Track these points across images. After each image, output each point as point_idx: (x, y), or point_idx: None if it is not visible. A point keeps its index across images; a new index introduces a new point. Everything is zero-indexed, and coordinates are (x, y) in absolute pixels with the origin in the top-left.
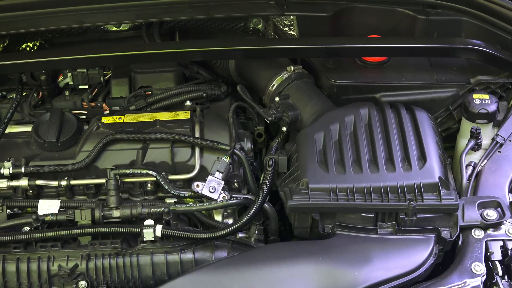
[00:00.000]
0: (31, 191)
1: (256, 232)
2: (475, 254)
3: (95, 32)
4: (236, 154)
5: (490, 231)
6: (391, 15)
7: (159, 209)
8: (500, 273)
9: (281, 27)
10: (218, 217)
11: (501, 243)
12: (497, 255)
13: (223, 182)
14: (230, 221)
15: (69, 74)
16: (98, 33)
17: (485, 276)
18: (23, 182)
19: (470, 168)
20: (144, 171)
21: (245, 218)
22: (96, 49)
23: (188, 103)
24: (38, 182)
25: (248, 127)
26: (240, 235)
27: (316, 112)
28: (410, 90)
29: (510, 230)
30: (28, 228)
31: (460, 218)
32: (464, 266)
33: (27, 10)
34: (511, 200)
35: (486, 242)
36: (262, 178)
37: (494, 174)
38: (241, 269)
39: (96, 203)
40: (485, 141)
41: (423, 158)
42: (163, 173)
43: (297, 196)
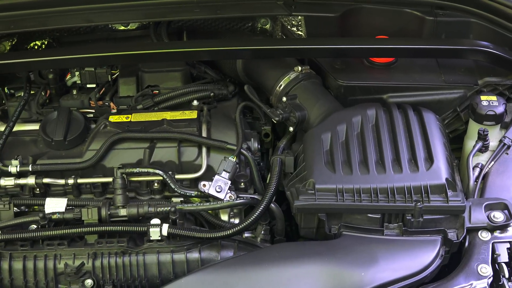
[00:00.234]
0: (38, 189)
1: (262, 232)
2: (482, 256)
3: (103, 31)
4: (243, 154)
5: (497, 233)
6: (399, 16)
7: (166, 208)
8: (507, 275)
9: (289, 27)
10: (225, 217)
11: (508, 245)
12: (504, 257)
13: (230, 182)
14: (237, 221)
15: (77, 73)
16: (106, 32)
17: (492, 278)
18: (30, 180)
19: (477, 170)
20: (151, 170)
21: (252, 218)
22: (104, 48)
23: (195, 103)
24: (45, 180)
25: (255, 127)
26: (246, 235)
27: (323, 113)
28: (418, 91)
29: None
30: (35, 226)
31: (467, 220)
32: (471, 268)
33: (36, 9)
34: None
35: (493, 244)
36: (269, 178)
37: (501, 176)
38: (247, 269)
39: (103, 202)
40: (493, 143)
41: (430, 160)
42: (170, 172)
43: (304, 197)
